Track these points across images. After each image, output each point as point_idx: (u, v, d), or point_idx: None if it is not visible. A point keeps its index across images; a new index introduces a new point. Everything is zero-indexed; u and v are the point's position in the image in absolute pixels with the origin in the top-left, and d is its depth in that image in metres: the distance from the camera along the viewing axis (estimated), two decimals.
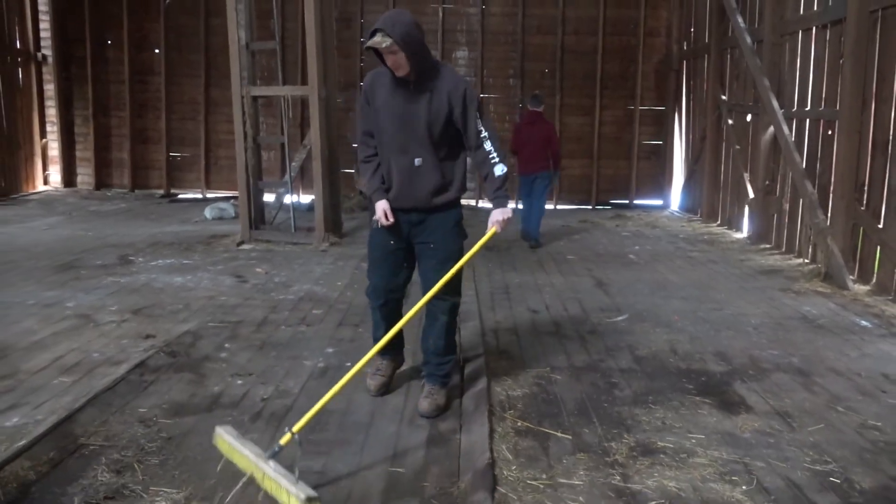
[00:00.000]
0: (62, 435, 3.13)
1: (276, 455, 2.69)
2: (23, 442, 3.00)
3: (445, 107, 3.39)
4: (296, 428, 2.79)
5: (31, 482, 2.77)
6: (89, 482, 2.79)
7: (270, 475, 2.60)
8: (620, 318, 5.25)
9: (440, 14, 11.88)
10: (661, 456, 3.08)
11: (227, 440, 2.83)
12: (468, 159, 3.57)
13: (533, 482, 2.84)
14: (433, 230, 3.54)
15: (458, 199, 3.60)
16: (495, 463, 2.95)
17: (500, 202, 3.47)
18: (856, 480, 2.91)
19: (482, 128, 3.43)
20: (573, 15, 11.90)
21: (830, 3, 7.05)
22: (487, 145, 3.44)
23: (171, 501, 2.67)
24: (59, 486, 2.76)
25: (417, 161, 3.44)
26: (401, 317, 3.63)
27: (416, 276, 3.70)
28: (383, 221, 3.51)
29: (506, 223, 3.46)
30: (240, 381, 3.91)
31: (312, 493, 2.51)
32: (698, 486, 2.84)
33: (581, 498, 2.73)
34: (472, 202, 11.94)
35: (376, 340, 3.58)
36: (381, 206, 3.51)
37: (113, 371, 3.93)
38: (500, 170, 3.44)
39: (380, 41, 3.22)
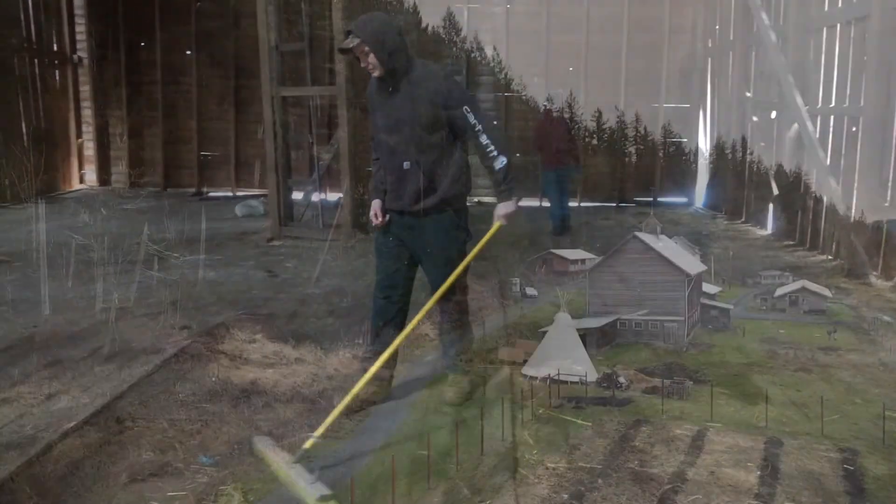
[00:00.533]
0: (107, 417, 3.31)
1: (302, 459, 2.81)
2: (72, 423, 3.18)
3: (430, 108, 3.36)
4: (317, 433, 2.95)
5: (81, 459, 2.95)
6: (135, 459, 2.96)
7: (293, 478, 2.69)
8: (641, 312, 5.32)
9: (465, 14, 11.99)
10: (679, 443, 3.16)
11: (260, 448, 2.96)
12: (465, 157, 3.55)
13: (553, 465, 2.95)
14: (426, 235, 3.54)
15: (451, 202, 3.51)
16: (517, 447, 3.07)
17: (503, 196, 3.42)
18: (869, 468, 2.97)
19: (474, 121, 3.36)
20: (598, 13, 11.95)
21: (855, 0, 7.06)
22: (483, 139, 3.37)
23: (211, 478, 2.83)
24: (107, 463, 2.94)
25: (406, 164, 3.44)
26: (399, 321, 3.68)
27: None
28: (373, 221, 3.63)
29: (511, 217, 3.43)
30: (271, 371, 4.07)
31: (326, 491, 2.58)
32: (714, 471, 2.92)
33: (599, 480, 2.84)
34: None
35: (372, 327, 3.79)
36: (373, 206, 3.62)
37: (152, 360, 4.10)
38: (499, 163, 3.36)
39: (349, 42, 3.29)
